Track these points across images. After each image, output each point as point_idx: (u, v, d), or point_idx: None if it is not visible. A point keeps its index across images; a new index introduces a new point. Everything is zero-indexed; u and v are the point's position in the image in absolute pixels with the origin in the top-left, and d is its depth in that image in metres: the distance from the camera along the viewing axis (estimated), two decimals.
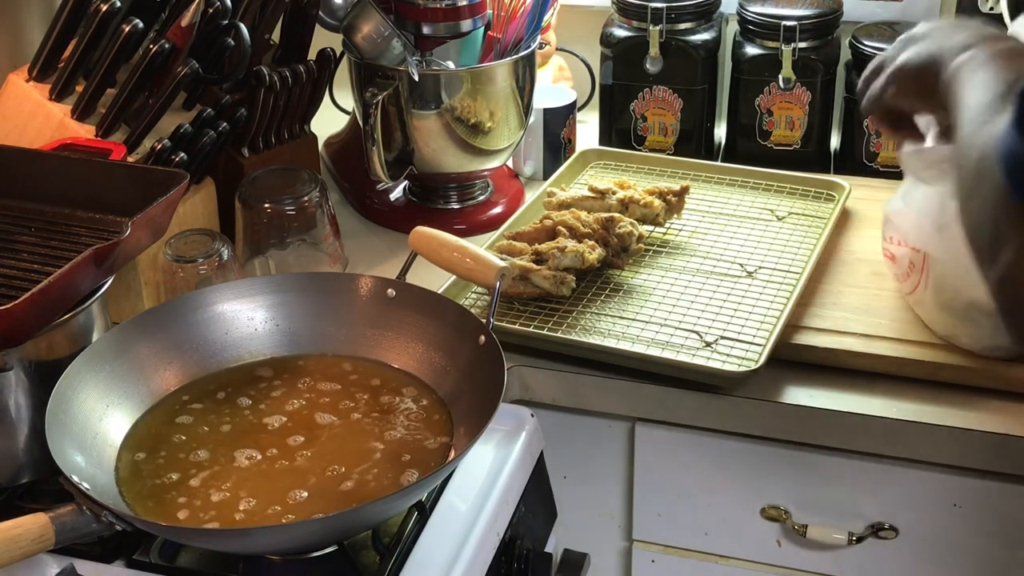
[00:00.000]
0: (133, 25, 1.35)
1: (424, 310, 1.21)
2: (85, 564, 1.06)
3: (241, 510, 1.03)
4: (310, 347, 1.23)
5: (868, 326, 1.30)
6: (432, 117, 1.50)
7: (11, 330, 1.04)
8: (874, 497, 1.28)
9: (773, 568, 1.36)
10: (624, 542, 1.43)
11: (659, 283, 1.39)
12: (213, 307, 1.22)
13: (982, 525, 1.26)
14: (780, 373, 1.27)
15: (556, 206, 1.49)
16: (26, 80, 1.42)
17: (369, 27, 1.47)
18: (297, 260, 1.44)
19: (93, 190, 1.23)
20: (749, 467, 1.31)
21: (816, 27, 1.63)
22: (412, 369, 1.20)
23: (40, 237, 1.21)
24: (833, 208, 1.52)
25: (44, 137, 1.37)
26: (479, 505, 1.13)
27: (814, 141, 1.67)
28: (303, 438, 1.12)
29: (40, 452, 1.03)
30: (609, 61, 1.70)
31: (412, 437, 1.11)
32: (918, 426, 1.21)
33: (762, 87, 1.65)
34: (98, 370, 1.12)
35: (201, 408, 1.16)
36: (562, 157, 1.70)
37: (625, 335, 1.30)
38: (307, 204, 1.44)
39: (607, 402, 1.30)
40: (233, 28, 1.40)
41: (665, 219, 1.47)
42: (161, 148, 1.34)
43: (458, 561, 1.06)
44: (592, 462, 1.39)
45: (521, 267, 1.34)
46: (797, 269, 1.40)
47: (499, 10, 1.61)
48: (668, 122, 1.70)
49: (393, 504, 1.03)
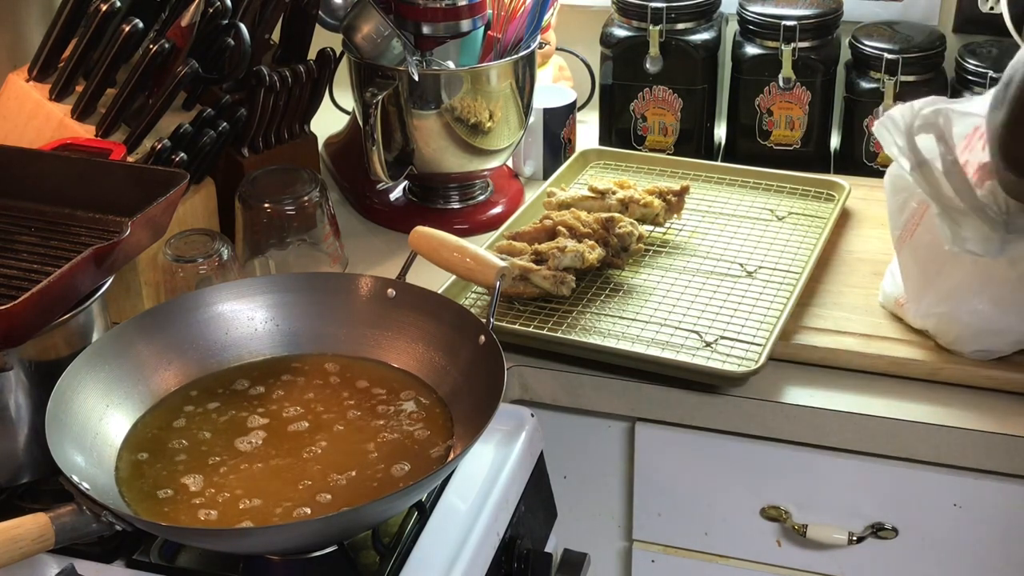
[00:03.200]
0: (133, 25, 1.35)
1: (424, 310, 1.21)
2: (85, 564, 1.06)
3: (241, 510, 1.03)
4: (310, 347, 1.23)
5: (868, 326, 1.30)
6: (432, 117, 1.50)
7: (11, 330, 1.04)
8: (874, 497, 1.28)
9: (773, 568, 1.36)
10: (624, 542, 1.43)
11: (659, 283, 1.39)
12: (213, 307, 1.22)
13: (982, 525, 1.26)
14: (780, 373, 1.27)
15: (556, 206, 1.49)
16: (26, 80, 1.42)
17: (369, 27, 1.47)
18: (297, 260, 1.44)
19: (93, 190, 1.23)
20: (749, 467, 1.31)
21: (816, 27, 1.63)
22: (412, 369, 1.20)
23: (40, 237, 1.21)
24: (833, 208, 1.52)
25: (44, 137, 1.37)
26: (479, 505, 1.13)
27: (814, 141, 1.67)
28: (303, 438, 1.12)
29: (40, 452, 1.03)
30: (609, 61, 1.70)
31: (412, 437, 1.11)
32: (918, 426, 1.21)
33: (762, 87, 1.65)
34: (98, 370, 1.12)
35: (201, 408, 1.16)
36: (562, 157, 1.70)
37: (625, 335, 1.30)
38: (307, 204, 1.44)
39: (607, 402, 1.30)
40: (233, 28, 1.40)
41: (665, 219, 1.47)
42: (161, 148, 1.34)
43: (458, 561, 1.06)
44: (592, 462, 1.39)
45: (521, 267, 1.34)
46: (797, 269, 1.40)
47: (499, 10, 1.61)
48: (668, 122, 1.70)
49: (393, 504, 1.03)
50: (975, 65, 1.58)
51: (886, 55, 1.59)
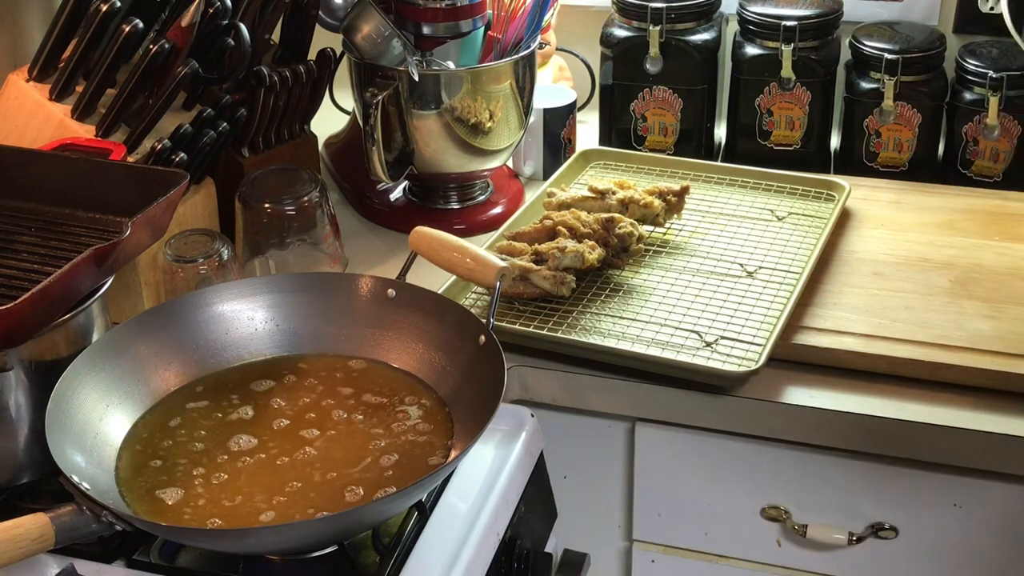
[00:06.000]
0: (133, 25, 1.35)
1: (424, 310, 1.21)
2: (85, 564, 1.06)
3: (241, 510, 1.03)
4: (310, 347, 1.23)
5: (868, 326, 1.30)
6: (432, 117, 1.50)
7: (11, 330, 1.04)
8: (874, 497, 1.28)
9: (773, 568, 1.36)
10: (624, 542, 1.43)
11: (659, 283, 1.39)
12: (213, 307, 1.22)
13: (982, 525, 1.26)
14: (780, 373, 1.27)
15: (556, 206, 1.49)
16: (26, 80, 1.42)
17: (369, 27, 1.47)
18: (297, 260, 1.44)
19: (93, 190, 1.23)
20: (749, 467, 1.31)
21: (816, 27, 1.63)
22: (412, 369, 1.20)
23: (40, 237, 1.21)
24: (833, 208, 1.52)
25: (44, 137, 1.37)
26: (479, 505, 1.13)
27: (814, 141, 1.67)
28: (303, 438, 1.12)
29: (40, 452, 1.03)
30: (609, 61, 1.70)
31: (412, 437, 1.11)
32: (918, 426, 1.21)
33: (762, 87, 1.65)
34: (98, 370, 1.12)
35: (201, 408, 1.16)
36: (562, 157, 1.70)
37: (625, 335, 1.30)
38: (307, 204, 1.44)
39: (607, 402, 1.30)
40: (233, 28, 1.40)
41: (665, 219, 1.47)
42: (161, 148, 1.34)
43: (458, 561, 1.06)
44: (592, 462, 1.39)
45: (521, 267, 1.34)
46: (797, 269, 1.40)
47: (499, 10, 1.61)
48: (668, 122, 1.70)
49: (393, 504, 1.03)
50: (975, 65, 1.58)
51: (886, 55, 1.59)
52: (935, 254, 1.44)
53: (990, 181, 1.61)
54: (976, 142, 1.59)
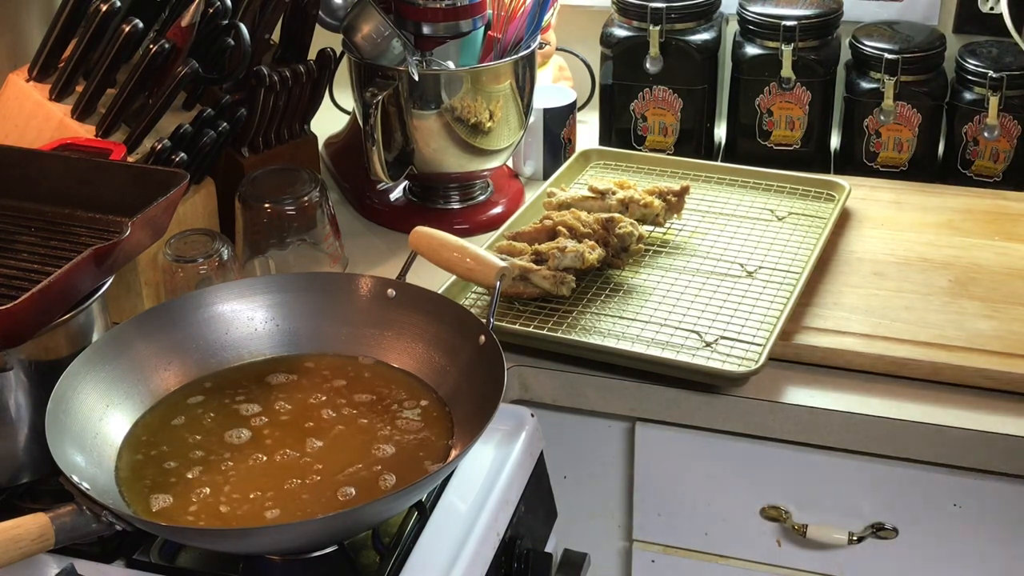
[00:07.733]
0: (133, 25, 1.35)
1: (424, 310, 1.21)
2: (85, 564, 1.06)
3: (241, 510, 1.03)
4: (310, 347, 1.23)
5: (868, 326, 1.30)
6: (432, 117, 1.50)
7: (11, 330, 1.04)
8: (874, 497, 1.28)
9: (773, 568, 1.36)
10: (624, 542, 1.43)
11: (659, 283, 1.39)
12: (213, 307, 1.22)
13: (982, 525, 1.26)
14: (780, 373, 1.27)
15: (556, 206, 1.49)
16: (26, 80, 1.42)
17: (369, 27, 1.47)
18: (297, 260, 1.44)
19: (93, 190, 1.23)
20: (749, 467, 1.31)
21: (816, 27, 1.63)
22: (412, 369, 1.20)
23: (40, 237, 1.21)
24: (833, 208, 1.52)
25: (44, 137, 1.37)
26: (479, 505, 1.13)
27: (814, 141, 1.68)
28: (303, 438, 1.12)
29: (40, 452, 1.03)
30: (609, 61, 1.70)
31: (412, 437, 1.11)
32: (918, 426, 1.21)
33: (762, 87, 1.65)
34: (98, 370, 1.12)
35: (201, 408, 1.16)
36: (562, 157, 1.70)
37: (625, 335, 1.30)
38: (307, 204, 1.44)
39: (607, 402, 1.30)
40: (233, 28, 1.40)
41: (665, 219, 1.47)
42: (161, 148, 1.34)
43: (458, 561, 1.06)
44: (592, 462, 1.39)
45: (521, 267, 1.34)
46: (797, 269, 1.40)
47: (499, 10, 1.61)
48: (668, 122, 1.70)
49: (393, 504, 1.03)
50: (975, 65, 1.58)
51: (886, 55, 1.59)
52: (935, 254, 1.44)
53: (990, 181, 1.61)
54: (976, 142, 1.59)
